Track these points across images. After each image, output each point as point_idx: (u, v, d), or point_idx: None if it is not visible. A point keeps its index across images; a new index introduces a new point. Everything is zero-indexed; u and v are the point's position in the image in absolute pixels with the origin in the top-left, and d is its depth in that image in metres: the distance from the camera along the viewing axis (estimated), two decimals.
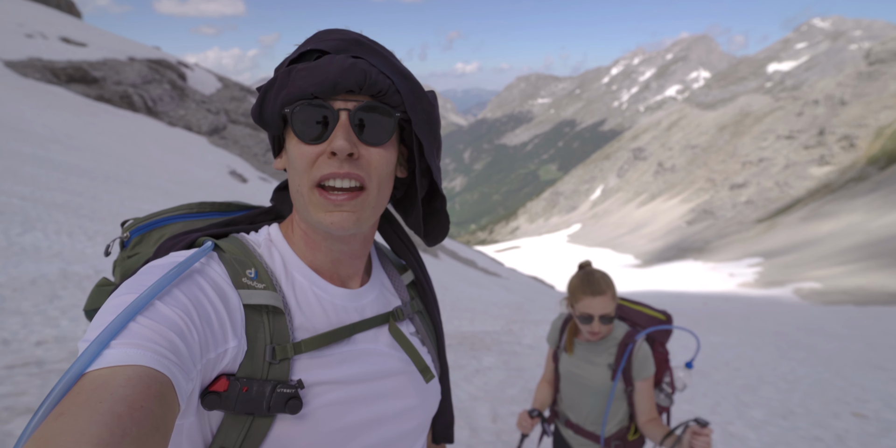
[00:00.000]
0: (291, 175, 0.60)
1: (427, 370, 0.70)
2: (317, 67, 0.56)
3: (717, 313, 18.63)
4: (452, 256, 24.50)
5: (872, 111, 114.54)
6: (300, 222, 0.65)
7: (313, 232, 0.64)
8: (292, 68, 0.57)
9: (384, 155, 0.60)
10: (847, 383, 6.90)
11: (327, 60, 0.56)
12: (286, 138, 0.62)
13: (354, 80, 0.56)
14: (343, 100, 0.57)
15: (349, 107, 0.57)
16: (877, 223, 71.68)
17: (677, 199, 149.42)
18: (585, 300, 1.65)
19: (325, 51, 0.58)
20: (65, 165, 10.23)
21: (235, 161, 23.65)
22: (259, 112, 0.61)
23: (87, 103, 22.29)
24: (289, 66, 0.58)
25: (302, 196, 0.59)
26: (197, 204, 0.76)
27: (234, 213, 0.79)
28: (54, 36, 29.92)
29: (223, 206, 0.78)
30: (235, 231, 0.68)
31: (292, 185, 0.61)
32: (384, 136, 0.59)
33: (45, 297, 3.82)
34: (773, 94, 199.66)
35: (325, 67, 0.56)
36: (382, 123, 0.59)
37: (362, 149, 0.58)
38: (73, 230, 6.05)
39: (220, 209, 0.78)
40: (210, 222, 0.75)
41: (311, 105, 0.56)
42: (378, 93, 0.58)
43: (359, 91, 0.57)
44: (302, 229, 0.65)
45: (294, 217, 0.67)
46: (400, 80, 0.60)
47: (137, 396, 0.39)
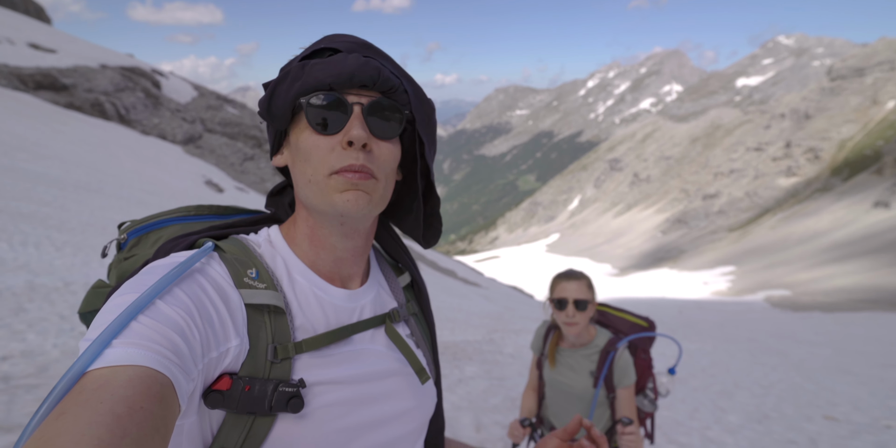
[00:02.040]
0: (301, 166, 0.60)
1: (423, 371, 0.70)
2: (333, 62, 0.58)
3: (692, 321, 18.98)
4: (433, 267, 24.44)
5: (835, 125, 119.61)
6: (307, 218, 0.65)
7: (321, 227, 0.64)
8: (306, 63, 0.59)
9: (392, 150, 0.62)
10: (818, 387, 7.09)
11: (342, 57, 0.58)
12: (291, 133, 0.62)
13: (369, 74, 0.58)
14: (356, 94, 0.59)
15: (363, 101, 0.59)
16: (841, 232, 74.44)
17: (652, 208, 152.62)
18: (561, 284, 1.70)
19: (336, 50, 0.60)
20: (32, 174, 9.90)
21: (211, 170, 23.25)
22: (268, 104, 0.60)
23: (56, 111, 21.67)
24: (301, 62, 0.60)
25: (316, 184, 0.59)
26: (195, 206, 0.76)
27: (232, 216, 0.78)
28: (22, 42, 29.11)
29: (221, 209, 0.78)
30: (235, 233, 0.68)
31: (302, 176, 0.60)
32: (393, 131, 0.61)
33: (10, 310, 3.67)
34: (742, 108, 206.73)
35: (341, 62, 0.58)
36: (393, 119, 0.61)
37: (373, 142, 0.60)
38: (41, 241, 5.84)
39: (217, 212, 0.77)
40: (208, 225, 0.74)
41: (327, 96, 0.58)
42: (389, 90, 0.60)
43: (372, 86, 0.59)
44: (309, 226, 0.65)
45: (298, 216, 0.67)
46: (406, 81, 0.63)
47: (138, 397, 0.40)
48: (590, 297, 1.67)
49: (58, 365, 2.88)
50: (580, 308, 1.65)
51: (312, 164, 0.59)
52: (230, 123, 33.16)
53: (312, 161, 0.59)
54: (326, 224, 0.63)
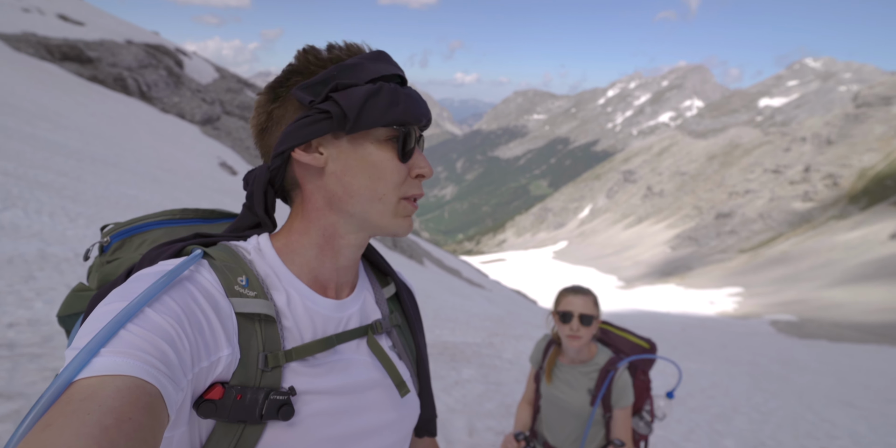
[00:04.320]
0: (369, 182, 0.62)
1: (402, 385, 0.70)
2: (417, 99, 0.64)
3: (694, 339, 18.80)
4: (438, 265, 24.44)
5: (857, 152, 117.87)
6: (328, 227, 0.65)
7: (344, 237, 0.65)
8: (397, 89, 0.62)
9: None
10: (818, 418, 6.97)
11: (418, 94, 0.64)
12: (349, 140, 0.62)
13: (430, 119, 0.67)
14: (416, 129, 0.66)
15: (418, 135, 0.66)
16: (854, 261, 73.31)
17: (663, 223, 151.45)
18: (568, 298, 1.70)
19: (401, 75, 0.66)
20: (52, 144, 10.01)
21: (227, 152, 23.39)
22: (358, 112, 0.60)
23: (79, 83, 21.92)
24: (390, 83, 0.63)
25: (385, 203, 0.63)
26: (180, 210, 0.75)
27: (218, 220, 0.78)
28: (52, 12, 29.52)
29: (206, 212, 0.76)
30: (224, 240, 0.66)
31: (368, 191, 0.62)
32: None
33: (20, 278, 3.69)
34: (762, 129, 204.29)
35: (420, 102, 0.64)
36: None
37: None
38: (55, 210, 5.89)
39: (203, 216, 0.76)
40: (193, 229, 0.73)
41: (414, 132, 0.64)
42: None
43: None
44: (327, 235, 0.65)
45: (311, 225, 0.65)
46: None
47: (126, 408, 0.39)
48: (595, 313, 1.67)
49: (62, 336, 2.89)
50: (585, 323, 1.64)
51: (388, 184, 0.62)
52: (249, 107, 33.37)
53: (388, 182, 0.62)
54: (352, 236, 0.66)
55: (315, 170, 0.63)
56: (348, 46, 0.63)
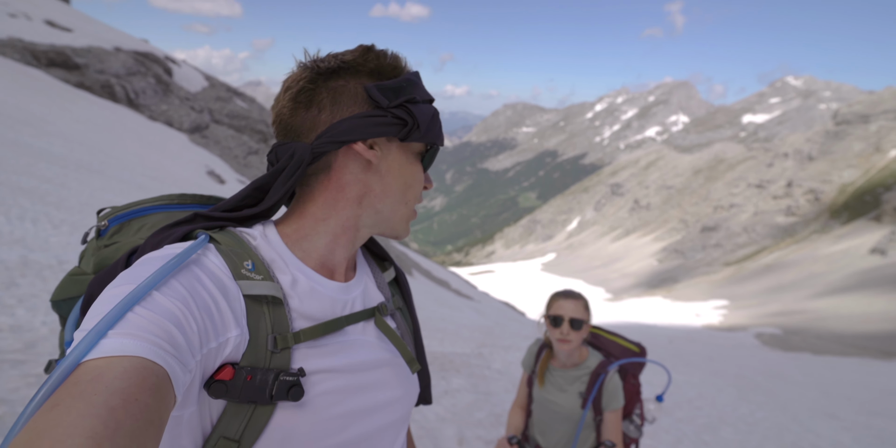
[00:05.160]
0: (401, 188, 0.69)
1: (413, 361, 0.73)
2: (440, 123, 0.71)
3: (681, 352, 18.90)
4: (427, 276, 24.35)
5: (837, 168, 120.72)
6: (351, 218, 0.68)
7: (358, 230, 0.70)
8: (435, 112, 0.70)
9: None
10: (802, 429, 7.03)
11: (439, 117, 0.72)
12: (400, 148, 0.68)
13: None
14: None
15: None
16: (836, 275, 74.60)
17: (650, 236, 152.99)
18: (559, 302, 1.72)
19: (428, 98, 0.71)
20: (36, 150, 9.87)
21: (215, 161, 23.22)
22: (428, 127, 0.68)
23: (66, 89, 21.68)
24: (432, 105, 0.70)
25: (406, 208, 0.71)
26: (178, 195, 0.75)
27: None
28: (39, 18, 29.24)
29: (204, 198, 0.77)
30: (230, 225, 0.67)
31: (399, 194, 0.69)
32: None
33: (2, 284, 3.61)
34: (746, 144, 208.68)
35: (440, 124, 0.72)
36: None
37: None
38: (38, 217, 5.79)
39: (200, 202, 0.76)
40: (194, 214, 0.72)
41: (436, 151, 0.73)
42: None
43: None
44: (349, 226, 0.68)
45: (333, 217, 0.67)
46: None
47: (133, 389, 0.39)
48: (585, 317, 1.69)
49: (45, 342, 2.83)
50: (575, 327, 1.66)
51: (415, 192, 0.71)
52: (238, 116, 33.26)
53: (415, 190, 0.71)
54: (367, 231, 0.71)
55: (364, 164, 0.66)
56: (396, 57, 0.67)
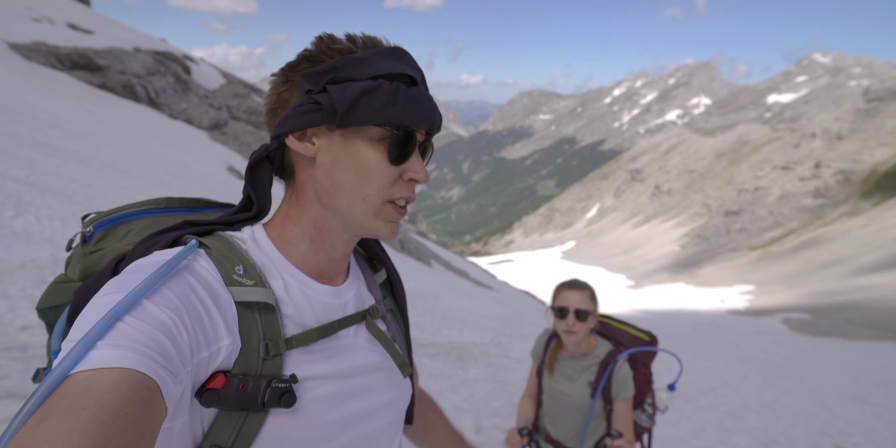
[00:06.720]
0: (355, 181, 0.61)
1: (405, 365, 0.72)
2: (421, 103, 0.61)
3: (705, 338, 18.63)
4: (445, 266, 24.45)
5: (868, 148, 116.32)
6: (318, 219, 0.65)
7: (333, 231, 0.65)
8: (399, 89, 0.60)
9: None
10: (831, 415, 6.89)
11: (426, 97, 0.62)
12: (342, 135, 0.61)
13: (439, 125, 0.65)
14: (419, 133, 0.64)
15: (421, 139, 0.65)
16: (867, 258, 72.35)
17: (672, 222, 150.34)
18: (564, 293, 1.70)
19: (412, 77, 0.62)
20: (63, 151, 10.16)
21: (234, 157, 23.58)
22: (349, 108, 0.58)
23: (89, 90, 22.22)
24: (392, 82, 0.60)
25: (368, 204, 0.62)
26: (164, 199, 0.74)
27: (203, 209, 0.77)
28: (61, 21, 29.91)
29: (191, 202, 0.76)
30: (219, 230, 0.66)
31: (354, 189, 0.61)
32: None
33: (33, 282, 3.76)
34: (771, 125, 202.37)
35: (428, 105, 0.62)
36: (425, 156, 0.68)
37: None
38: (66, 216, 5.99)
39: (187, 205, 0.76)
40: (179, 218, 0.73)
41: (411, 136, 0.62)
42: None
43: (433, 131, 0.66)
44: (317, 227, 0.65)
45: (303, 216, 0.65)
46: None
47: (122, 403, 0.38)
48: (591, 308, 1.67)
49: None
50: (581, 318, 1.65)
51: (373, 185, 0.61)
52: (256, 112, 33.61)
53: (374, 182, 0.61)
54: (341, 231, 0.65)
55: (307, 159, 0.62)
56: (364, 39, 0.62)
